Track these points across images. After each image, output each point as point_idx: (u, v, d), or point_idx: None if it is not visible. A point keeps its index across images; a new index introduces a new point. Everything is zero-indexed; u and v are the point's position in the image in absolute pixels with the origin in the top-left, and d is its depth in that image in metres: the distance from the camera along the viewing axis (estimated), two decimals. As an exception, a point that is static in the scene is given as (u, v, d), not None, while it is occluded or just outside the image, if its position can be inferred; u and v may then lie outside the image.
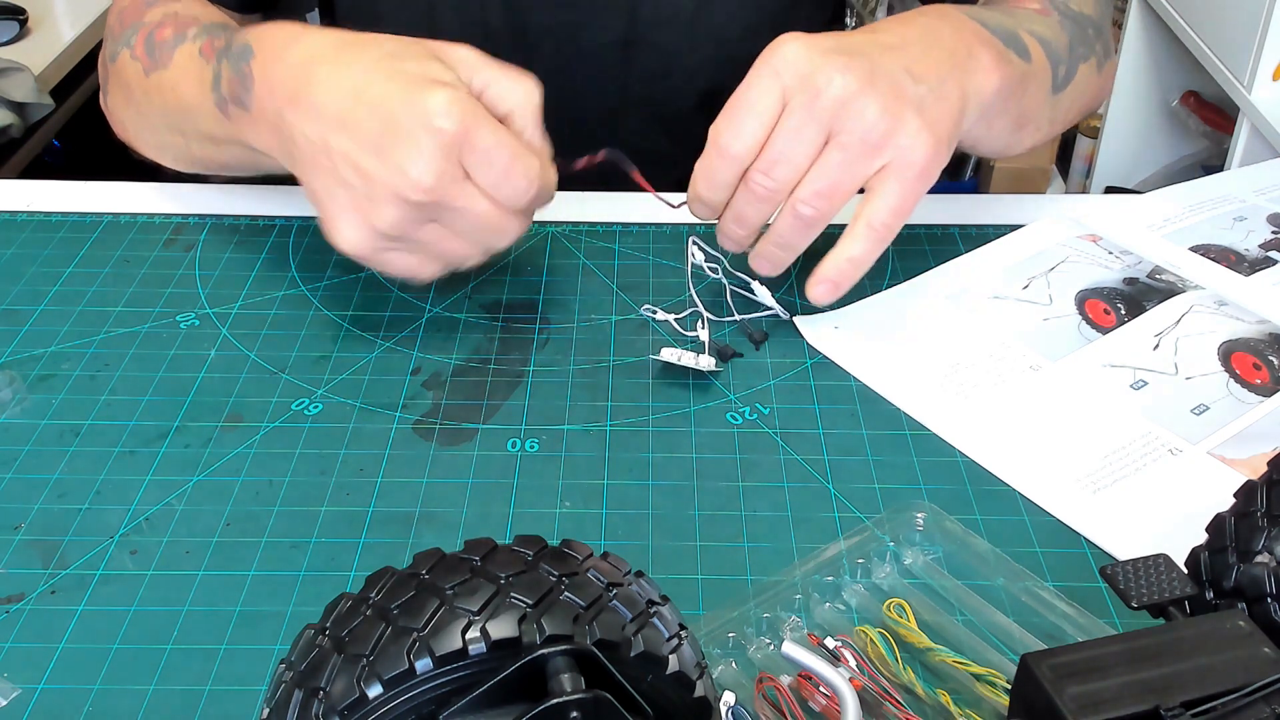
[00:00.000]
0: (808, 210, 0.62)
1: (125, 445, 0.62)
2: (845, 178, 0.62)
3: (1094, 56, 0.80)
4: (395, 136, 0.59)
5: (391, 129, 0.59)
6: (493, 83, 0.63)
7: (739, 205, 0.64)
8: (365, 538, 0.57)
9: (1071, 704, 0.36)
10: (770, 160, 0.62)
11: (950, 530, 0.55)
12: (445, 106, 0.59)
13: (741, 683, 0.48)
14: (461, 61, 0.63)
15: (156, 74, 0.75)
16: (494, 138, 0.60)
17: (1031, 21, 0.75)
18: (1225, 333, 0.68)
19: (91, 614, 0.53)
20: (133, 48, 0.77)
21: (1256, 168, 0.89)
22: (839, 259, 0.64)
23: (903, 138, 0.62)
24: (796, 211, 0.63)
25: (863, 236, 0.63)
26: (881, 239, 0.64)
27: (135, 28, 0.78)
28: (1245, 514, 0.44)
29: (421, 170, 0.59)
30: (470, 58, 0.64)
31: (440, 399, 0.65)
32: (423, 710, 0.34)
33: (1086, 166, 2.06)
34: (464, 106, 0.60)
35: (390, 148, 0.59)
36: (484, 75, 0.63)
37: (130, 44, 0.77)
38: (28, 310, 0.72)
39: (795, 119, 0.61)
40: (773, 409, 0.64)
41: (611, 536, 0.57)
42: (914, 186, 0.63)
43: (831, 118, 0.61)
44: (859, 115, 0.61)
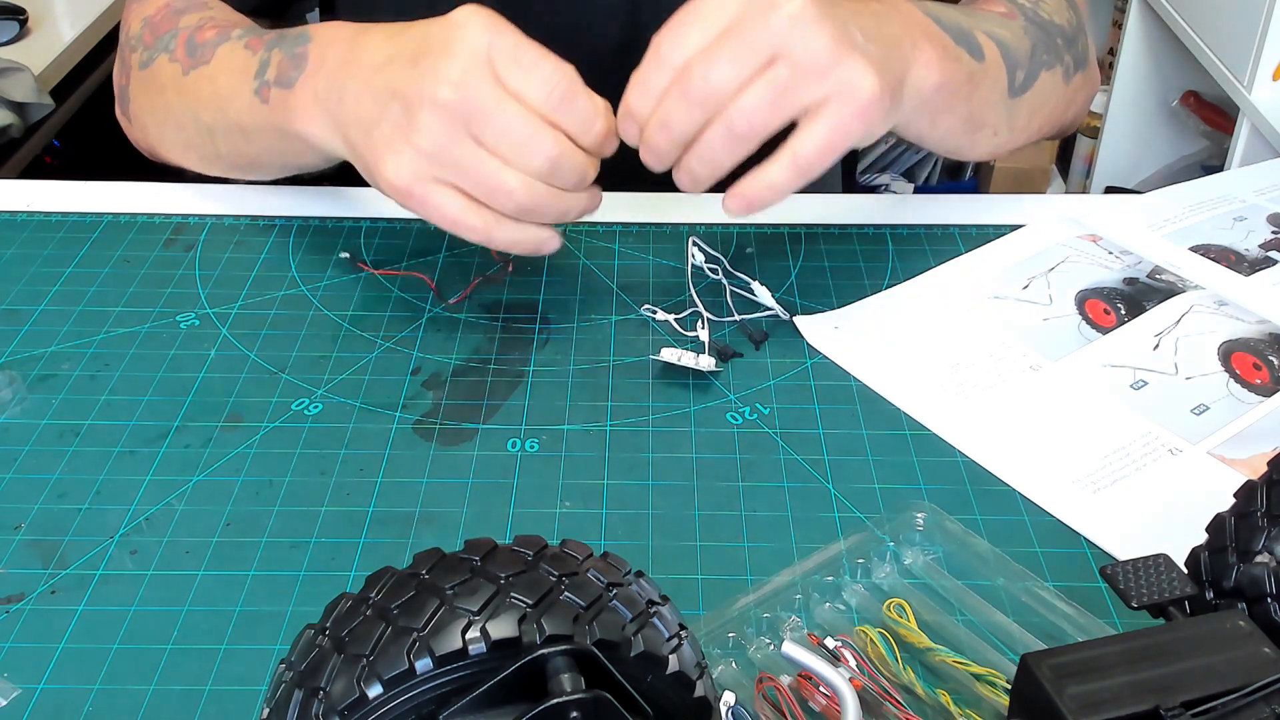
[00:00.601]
0: (741, 123, 0.60)
1: (125, 445, 0.62)
2: (786, 97, 0.60)
3: (1060, 66, 0.78)
4: (427, 48, 0.61)
5: (425, 44, 0.62)
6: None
7: (668, 109, 0.61)
8: (365, 538, 0.57)
9: (1071, 704, 0.36)
10: (711, 63, 0.60)
11: (950, 530, 0.55)
12: (471, 15, 0.61)
13: (741, 683, 0.48)
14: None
15: (195, 71, 0.76)
16: (517, 37, 0.61)
17: (990, 23, 0.74)
18: (1225, 333, 0.68)
19: (91, 614, 0.53)
20: (172, 51, 0.78)
21: (1256, 168, 0.89)
22: (758, 180, 0.62)
23: (847, 69, 0.60)
24: (729, 122, 0.60)
25: (786, 166, 0.61)
26: (803, 173, 0.62)
27: (173, 34, 0.78)
28: (1245, 514, 0.44)
29: (449, 67, 0.60)
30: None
31: (440, 399, 0.65)
32: (423, 710, 0.34)
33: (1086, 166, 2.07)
34: (490, 15, 0.61)
35: (423, 58, 0.61)
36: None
37: (169, 49, 0.78)
38: (28, 310, 0.72)
39: (744, 31, 0.59)
40: (773, 409, 0.64)
41: (611, 536, 0.57)
42: (849, 125, 0.61)
43: (782, 38, 0.59)
44: (809, 39, 0.59)
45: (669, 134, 0.62)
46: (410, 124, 0.61)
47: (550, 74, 0.61)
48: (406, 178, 0.62)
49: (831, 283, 0.74)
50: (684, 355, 0.65)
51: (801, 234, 0.79)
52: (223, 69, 0.74)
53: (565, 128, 0.62)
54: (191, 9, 0.80)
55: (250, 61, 0.72)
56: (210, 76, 0.75)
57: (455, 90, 0.60)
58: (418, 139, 0.61)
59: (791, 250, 0.77)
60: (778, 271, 0.75)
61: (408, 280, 0.74)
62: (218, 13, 0.80)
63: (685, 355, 0.65)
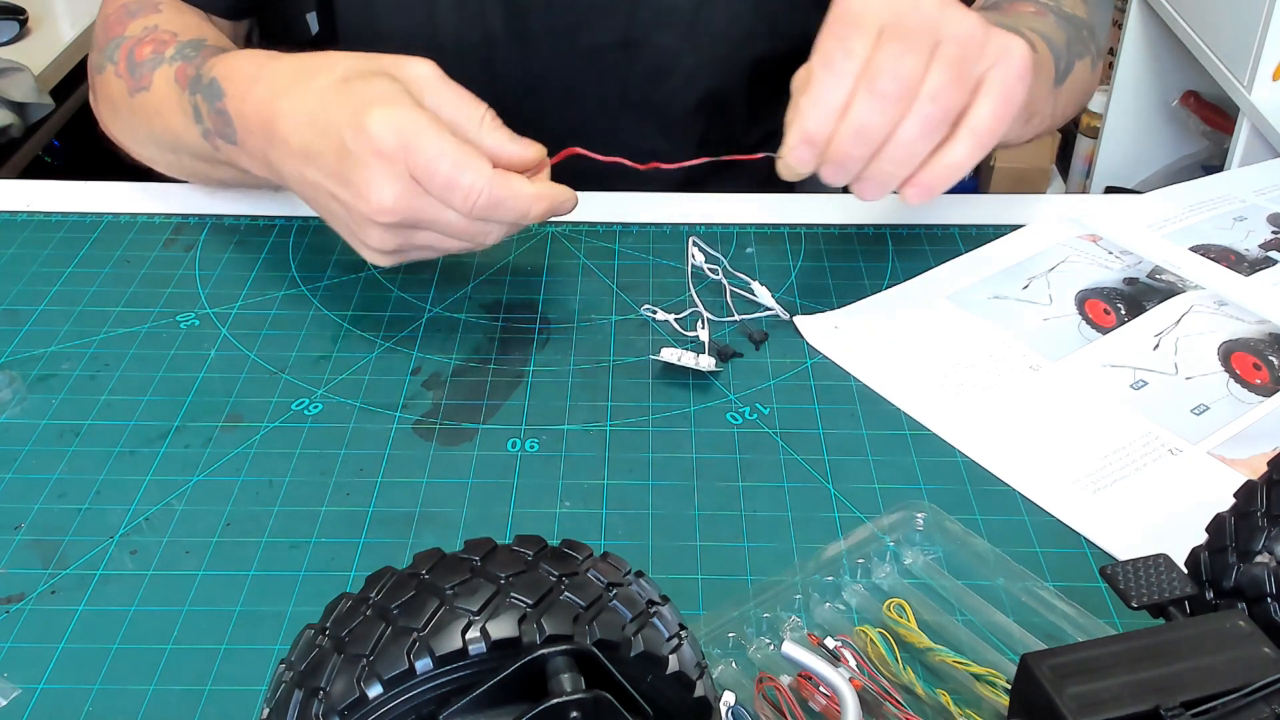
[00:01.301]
0: (936, 109, 0.61)
1: (125, 445, 0.62)
2: (963, 72, 0.61)
3: (1089, 55, 0.82)
4: (350, 164, 0.61)
5: (345, 157, 0.61)
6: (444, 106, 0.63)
7: (861, 114, 0.61)
8: (365, 538, 0.57)
9: (1071, 704, 0.36)
10: (893, 59, 0.60)
11: (950, 530, 0.55)
12: (381, 125, 0.59)
13: (741, 683, 0.48)
14: (416, 79, 0.63)
15: (140, 96, 0.76)
16: (435, 148, 0.60)
17: (1031, 21, 0.77)
18: (1225, 333, 0.68)
19: (91, 614, 0.53)
20: (116, 64, 0.78)
21: (1256, 168, 0.89)
22: (938, 165, 0.63)
23: (999, 38, 0.62)
24: (924, 111, 0.61)
25: (964, 142, 0.62)
26: (983, 146, 0.63)
27: (118, 42, 0.78)
28: (1245, 514, 0.44)
29: (380, 194, 0.60)
30: (427, 74, 0.63)
31: (440, 399, 0.65)
32: (423, 710, 0.34)
33: (1086, 166, 2.07)
34: (401, 122, 0.60)
35: (350, 176, 0.61)
36: (435, 98, 0.63)
37: (114, 60, 0.78)
38: (28, 310, 0.72)
39: (905, 26, 0.60)
40: (773, 409, 0.64)
41: (611, 536, 0.57)
42: (1014, 89, 0.62)
43: (939, 22, 0.61)
44: (960, 19, 0.61)
45: (865, 139, 0.61)
46: (364, 233, 0.63)
47: (469, 184, 0.60)
48: (382, 260, 0.65)
49: (831, 283, 0.74)
50: (684, 355, 0.65)
51: (801, 234, 0.79)
52: (164, 102, 0.74)
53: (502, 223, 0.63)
54: (142, 12, 0.79)
55: (184, 101, 0.72)
56: (155, 108, 0.75)
57: (392, 215, 0.61)
58: (376, 244, 0.63)
59: (791, 250, 0.77)
60: (778, 271, 0.75)
61: (408, 280, 0.74)
62: (164, 17, 0.79)
63: (685, 355, 0.65)
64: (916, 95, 0.60)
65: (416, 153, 0.59)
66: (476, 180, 0.60)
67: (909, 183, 0.63)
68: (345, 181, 0.61)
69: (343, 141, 0.61)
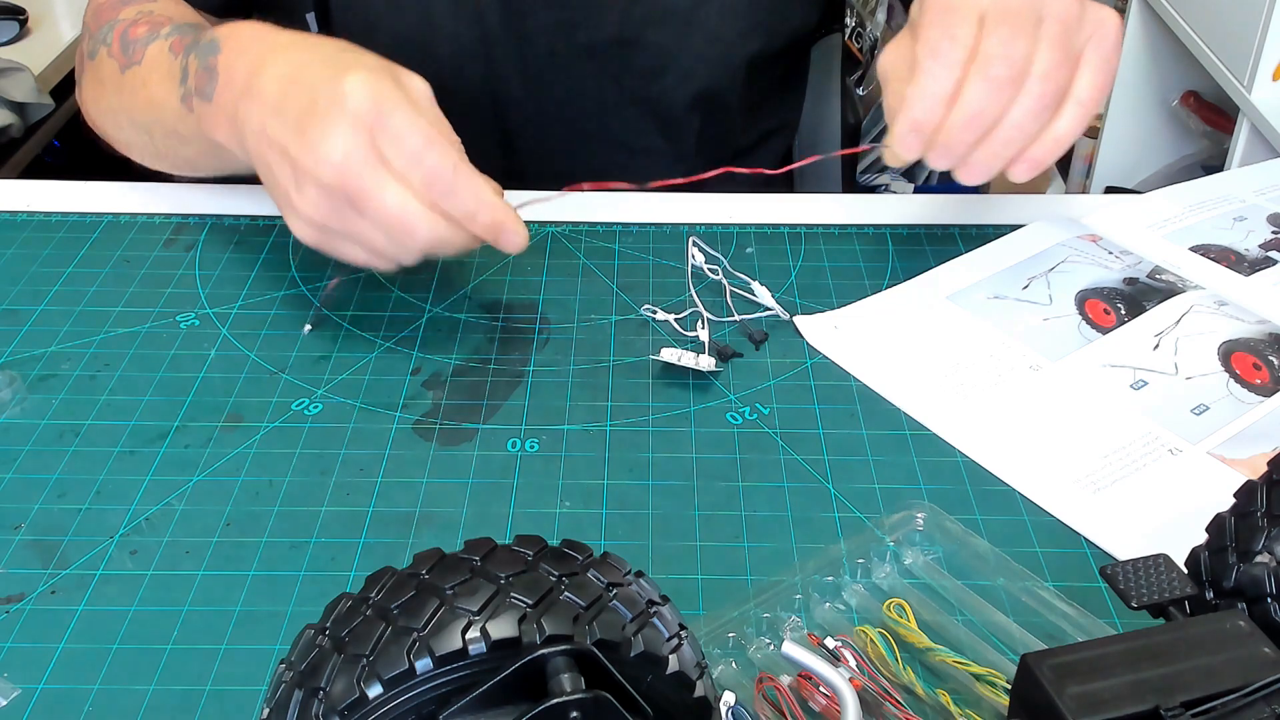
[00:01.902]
0: (1048, 87, 0.62)
1: (125, 445, 0.62)
2: (1067, 48, 0.63)
3: None
4: (313, 116, 0.60)
5: (311, 109, 0.60)
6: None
7: (974, 99, 0.62)
8: (365, 538, 0.57)
9: (1071, 704, 0.36)
10: (1005, 41, 0.62)
11: (950, 530, 0.55)
12: (359, 85, 0.59)
13: (741, 683, 0.48)
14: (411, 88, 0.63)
15: (130, 70, 0.76)
16: (408, 120, 0.59)
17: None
18: (1225, 333, 0.68)
19: (91, 614, 0.53)
20: (109, 45, 0.78)
21: (1256, 168, 0.89)
22: (1048, 139, 0.64)
23: (1094, 10, 0.64)
24: (1038, 91, 0.62)
25: (1071, 114, 0.64)
26: (1088, 114, 0.65)
27: (111, 25, 0.78)
28: (1245, 514, 0.44)
29: (330, 148, 0.59)
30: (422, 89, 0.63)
31: (440, 399, 0.65)
32: (423, 710, 0.34)
33: (1086, 166, 2.07)
34: (379, 87, 0.59)
35: (308, 127, 0.60)
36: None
37: (107, 41, 0.78)
38: (28, 310, 0.72)
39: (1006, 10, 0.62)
40: (773, 409, 0.64)
41: (611, 536, 0.57)
42: (1111, 58, 0.64)
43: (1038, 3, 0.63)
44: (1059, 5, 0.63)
45: (979, 122, 0.63)
46: (300, 193, 0.62)
47: (434, 163, 0.60)
48: (306, 236, 0.64)
49: (831, 283, 0.74)
50: (684, 355, 0.65)
51: (801, 234, 0.79)
52: (152, 71, 0.74)
53: (451, 215, 0.61)
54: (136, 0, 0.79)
55: (174, 66, 0.72)
56: (143, 79, 0.75)
57: (335, 173, 0.59)
58: (307, 210, 0.62)
59: (791, 250, 0.77)
60: (778, 271, 0.75)
61: (408, 280, 0.74)
62: (159, 4, 0.79)
63: (685, 355, 0.65)
64: (1028, 76, 0.62)
65: (388, 118, 0.59)
66: (443, 161, 0.60)
67: (1018, 159, 0.65)
68: (300, 132, 0.60)
69: (314, 95, 0.60)
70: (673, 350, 0.66)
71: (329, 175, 0.59)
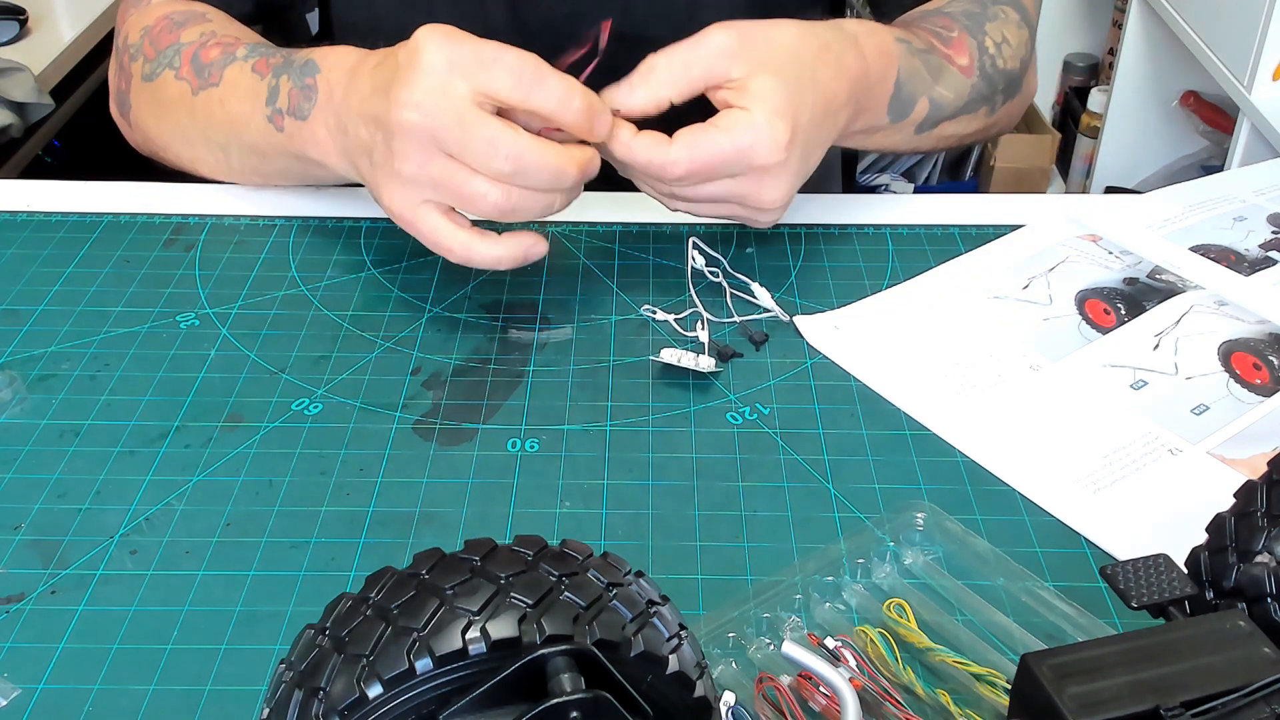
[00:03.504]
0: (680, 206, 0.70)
1: (125, 445, 0.62)
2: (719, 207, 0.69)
3: (984, 108, 0.81)
4: (395, 75, 0.63)
5: (394, 71, 0.63)
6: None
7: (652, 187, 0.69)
8: (365, 538, 0.57)
9: (1071, 704, 0.36)
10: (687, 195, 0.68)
11: (950, 530, 0.55)
12: (427, 33, 0.62)
13: (741, 683, 0.48)
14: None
15: (205, 92, 0.76)
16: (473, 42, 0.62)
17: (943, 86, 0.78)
18: (1225, 333, 0.68)
19: (91, 614, 0.53)
20: (177, 69, 0.78)
21: (1256, 168, 0.89)
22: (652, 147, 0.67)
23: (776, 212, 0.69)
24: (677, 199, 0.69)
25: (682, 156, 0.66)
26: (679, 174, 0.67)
27: (176, 49, 0.79)
28: (1245, 514, 0.44)
29: (410, 91, 0.61)
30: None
31: (440, 399, 0.65)
32: (423, 710, 0.34)
33: (1086, 166, 2.07)
34: (443, 29, 0.62)
35: (392, 85, 0.63)
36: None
37: (174, 65, 0.78)
38: (28, 310, 0.72)
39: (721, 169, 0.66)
40: (773, 409, 0.64)
41: (611, 536, 0.57)
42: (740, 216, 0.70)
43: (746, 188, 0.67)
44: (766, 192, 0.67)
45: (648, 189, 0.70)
46: (391, 152, 0.63)
47: (514, 62, 0.62)
48: (399, 204, 0.65)
49: (831, 283, 0.74)
50: (684, 356, 0.65)
51: (801, 234, 0.79)
52: (232, 92, 0.75)
53: (544, 111, 0.62)
54: (190, 22, 0.80)
55: (259, 86, 0.73)
56: (221, 99, 0.76)
57: (417, 111, 0.61)
58: (400, 165, 0.63)
59: (791, 250, 0.77)
60: (778, 272, 0.75)
61: (407, 280, 0.74)
62: (217, 25, 0.80)
63: (685, 356, 0.65)
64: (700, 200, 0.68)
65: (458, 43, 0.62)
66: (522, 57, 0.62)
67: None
68: (387, 94, 0.63)
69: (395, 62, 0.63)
70: (673, 351, 0.66)
71: (412, 116, 0.61)
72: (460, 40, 0.62)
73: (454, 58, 0.62)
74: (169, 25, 0.80)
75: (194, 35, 0.79)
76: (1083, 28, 2.25)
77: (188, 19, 0.80)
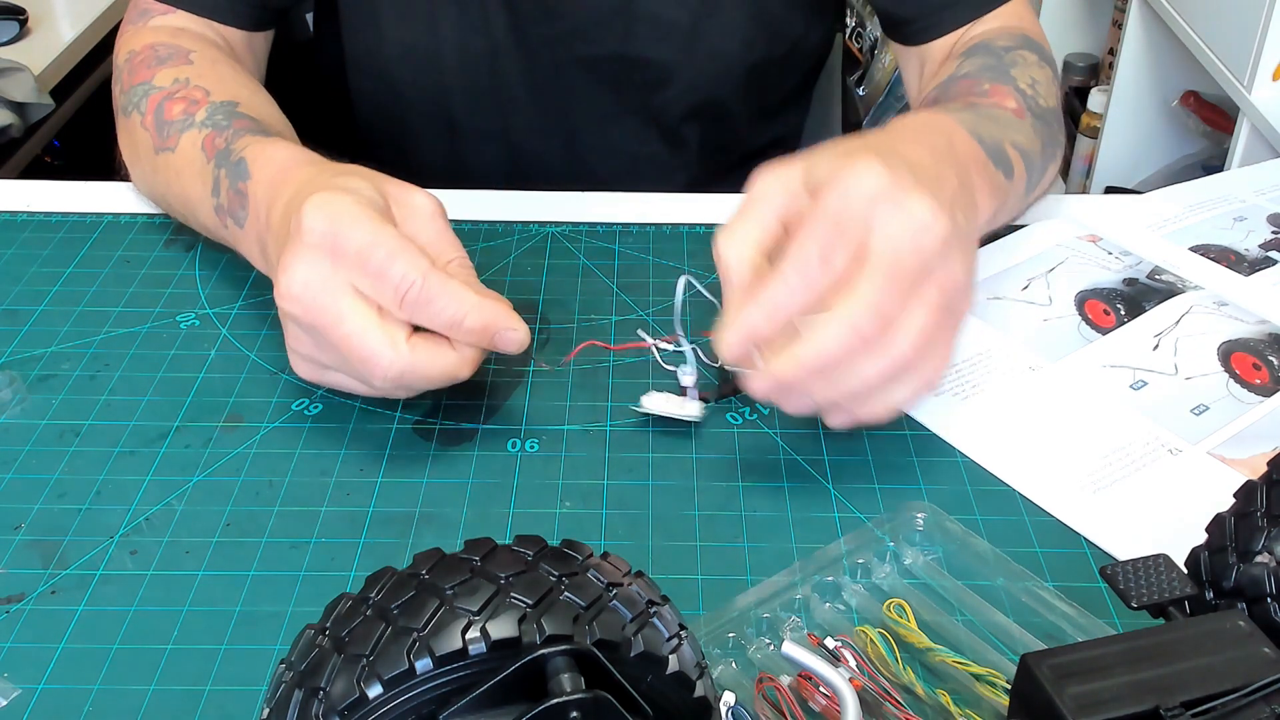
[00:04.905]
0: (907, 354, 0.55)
1: (125, 445, 0.62)
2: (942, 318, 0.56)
3: (1059, 152, 0.79)
4: (283, 251, 0.58)
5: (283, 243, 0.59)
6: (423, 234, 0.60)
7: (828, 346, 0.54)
8: (365, 538, 0.57)
9: (1071, 704, 0.36)
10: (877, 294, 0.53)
11: (950, 530, 0.55)
12: (314, 209, 0.57)
13: (741, 683, 0.48)
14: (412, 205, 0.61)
15: (164, 155, 0.74)
16: (369, 235, 0.56)
17: (1012, 130, 0.72)
18: (1225, 333, 0.68)
19: (91, 614, 0.53)
20: (143, 115, 0.75)
21: (1256, 168, 0.89)
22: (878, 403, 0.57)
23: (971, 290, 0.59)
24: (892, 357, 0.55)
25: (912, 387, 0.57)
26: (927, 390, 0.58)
27: (145, 91, 0.76)
28: (1245, 514, 0.44)
29: (289, 281, 0.57)
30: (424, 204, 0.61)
31: (440, 399, 0.65)
32: (423, 710, 0.34)
33: (1086, 166, 2.06)
34: (336, 207, 0.56)
35: (279, 263, 0.58)
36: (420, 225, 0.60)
37: (141, 109, 0.76)
38: (28, 310, 0.72)
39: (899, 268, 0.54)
40: (773, 409, 0.64)
41: (611, 536, 0.57)
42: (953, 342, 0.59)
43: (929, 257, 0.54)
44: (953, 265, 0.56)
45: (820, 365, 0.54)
46: (286, 330, 0.60)
47: (399, 275, 0.56)
48: (305, 374, 0.61)
49: (831, 283, 0.74)
50: (669, 401, 0.62)
51: (801, 234, 0.79)
52: (186, 167, 0.72)
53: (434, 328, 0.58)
54: (172, 59, 0.77)
55: (206, 171, 0.70)
56: (177, 170, 0.73)
57: (298, 305, 0.57)
58: (292, 343, 0.60)
59: (791, 250, 0.77)
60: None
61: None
62: (195, 70, 0.76)
63: (670, 401, 0.62)
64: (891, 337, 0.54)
65: (345, 238, 0.56)
66: (410, 270, 0.56)
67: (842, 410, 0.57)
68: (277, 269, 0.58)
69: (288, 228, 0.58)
70: (657, 396, 0.63)
71: (293, 309, 0.57)
72: (346, 230, 0.56)
73: (339, 248, 0.56)
74: (150, 58, 0.78)
75: (167, 80, 0.75)
76: (1083, 28, 2.25)
77: (170, 56, 0.77)
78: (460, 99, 0.91)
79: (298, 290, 0.57)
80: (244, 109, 0.73)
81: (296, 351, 0.61)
